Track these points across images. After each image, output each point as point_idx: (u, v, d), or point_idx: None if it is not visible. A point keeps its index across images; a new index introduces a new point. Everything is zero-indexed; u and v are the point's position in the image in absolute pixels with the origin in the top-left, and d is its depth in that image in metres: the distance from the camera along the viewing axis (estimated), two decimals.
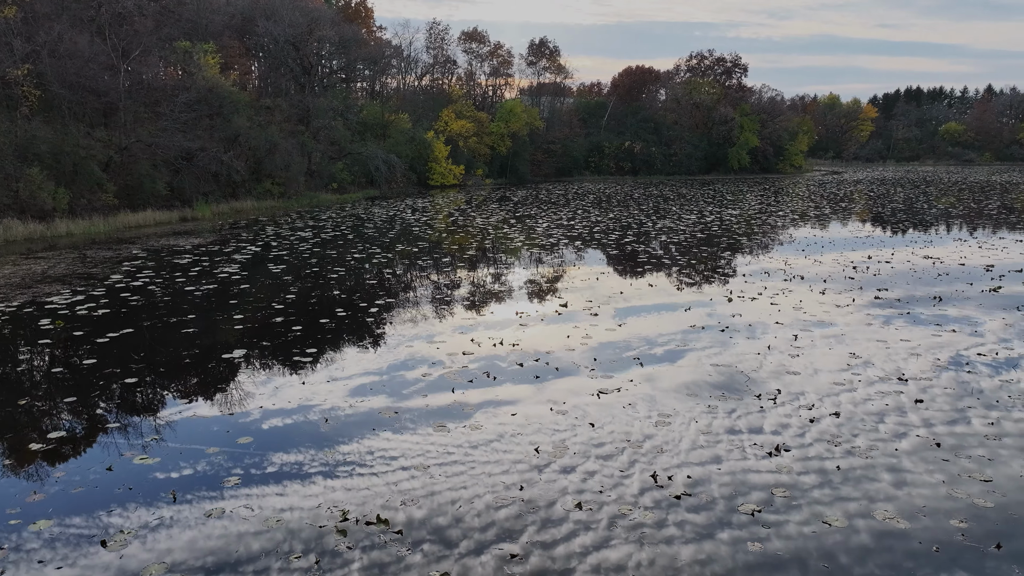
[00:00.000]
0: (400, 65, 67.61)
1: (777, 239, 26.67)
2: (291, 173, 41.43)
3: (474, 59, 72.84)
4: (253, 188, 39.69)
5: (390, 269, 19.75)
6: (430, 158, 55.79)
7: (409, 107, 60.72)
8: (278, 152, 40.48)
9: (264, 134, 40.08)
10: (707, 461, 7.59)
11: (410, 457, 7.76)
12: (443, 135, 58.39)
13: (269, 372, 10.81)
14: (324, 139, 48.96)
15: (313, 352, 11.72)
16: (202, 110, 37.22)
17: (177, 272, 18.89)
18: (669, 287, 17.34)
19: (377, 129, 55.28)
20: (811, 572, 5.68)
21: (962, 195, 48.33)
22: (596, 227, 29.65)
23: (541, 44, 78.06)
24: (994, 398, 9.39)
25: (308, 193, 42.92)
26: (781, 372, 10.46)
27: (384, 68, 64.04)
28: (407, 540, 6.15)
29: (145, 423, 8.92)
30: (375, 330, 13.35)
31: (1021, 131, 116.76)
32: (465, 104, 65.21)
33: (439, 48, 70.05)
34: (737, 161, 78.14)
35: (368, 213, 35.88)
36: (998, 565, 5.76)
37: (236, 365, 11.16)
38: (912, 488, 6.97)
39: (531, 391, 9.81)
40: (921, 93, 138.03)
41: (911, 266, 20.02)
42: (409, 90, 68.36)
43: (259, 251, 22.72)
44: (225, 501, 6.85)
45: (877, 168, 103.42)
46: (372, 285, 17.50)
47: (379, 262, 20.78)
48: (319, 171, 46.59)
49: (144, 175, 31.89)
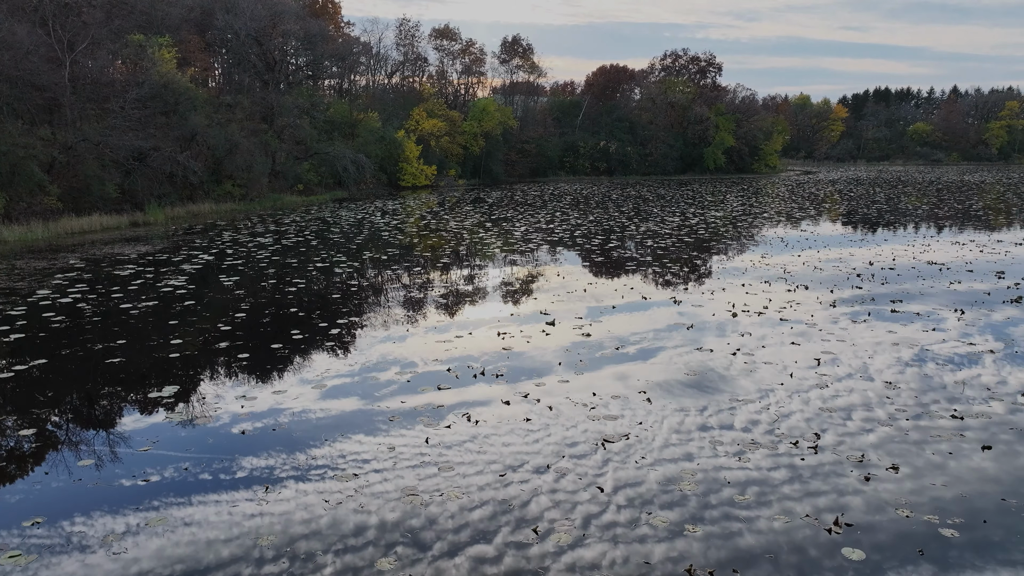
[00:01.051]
0: (369, 63, 65.54)
1: (768, 241, 25.37)
2: (253, 174, 39.30)
3: (445, 56, 71.03)
4: (212, 190, 37.51)
5: (356, 281, 17.92)
6: (401, 158, 53.90)
7: (379, 106, 58.74)
8: (239, 152, 38.32)
9: (224, 133, 37.85)
10: (679, 458, 7.68)
11: (382, 460, 7.70)
12: (414, 134, 56.54)
13: (239, 377, 10.52)
14: (289, 138, 46.86)
15: (259, 387, 9.96)
16: (156, 107, 34.96)
17: (115, 286, 16.85)
18: (657, 292, 16.34)
19: (345, 128, 53.26)
20: (782, 566, 5.77)
21: (942, 195, 48.70)
22: (577, 231, 28.11)
23: (514, 42, 76.47)
24: (956, 393, 9.67)
25: (272, 195, 40.84)
26: (752, 369, 10.61)
27: (353, 66, 61.93)
28: (380, 543, 6.11)
29: (102, 433, 8.65)
30: (335, 355, 11.55)
31: (987, 131, 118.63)
32: (437, 103, 63.31)
33: (409, 45, 68.13)
34: (713, 161, 77.38)
35: (335, 216, 33.91)
36: (960, 554, 5.92)
37: (194, 377, 10.71)
38: (878, 482, 7.13)
39: (504, 391, 9.78)
40: (889, 93, 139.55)
41: (916, 270, 19.23)
42: (379, 88, 66.30)
43: (212, 260, 20.70)
44: (194, 508, 6.71)
45: (849, 168, 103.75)
46: (335, 300, 15.66)
47: (344, 272, 18.92)
48: (284, 172, 44.54)
49: (92, 176, 29.58)
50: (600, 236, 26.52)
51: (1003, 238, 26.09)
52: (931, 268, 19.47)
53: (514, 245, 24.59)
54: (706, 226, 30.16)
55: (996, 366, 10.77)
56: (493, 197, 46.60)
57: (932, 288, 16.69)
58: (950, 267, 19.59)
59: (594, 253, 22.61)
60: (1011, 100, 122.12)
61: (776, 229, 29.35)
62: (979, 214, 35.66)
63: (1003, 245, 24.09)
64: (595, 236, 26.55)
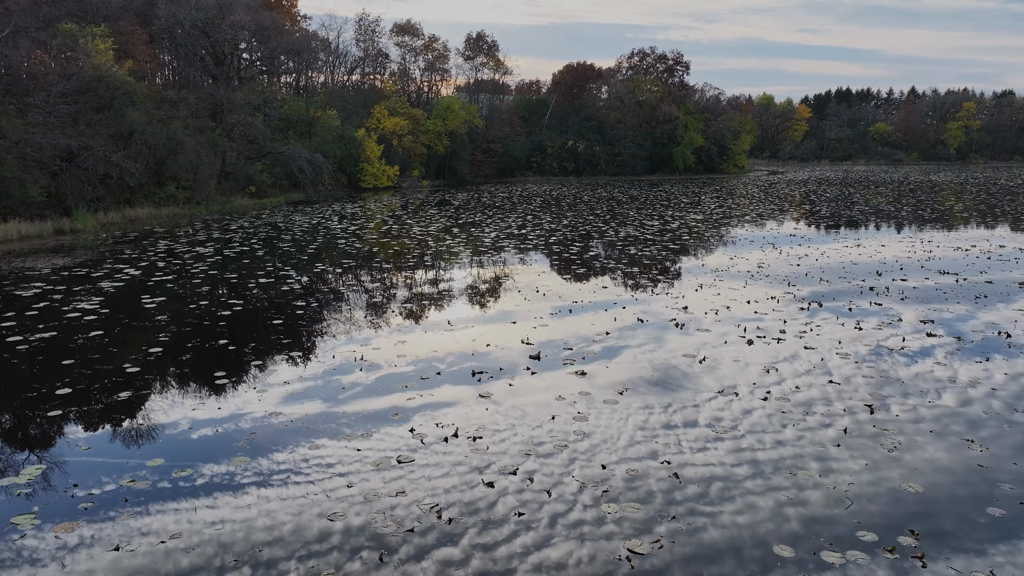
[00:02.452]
0: (329, 59, 62.64)
1: (755, 243, 23.49)
2: (199, 175, 36.34)
3: (408, 53, 68.39)
4: (154, 193, 34.47)
5: (304, 300, 15.41)
6: (361, 158, 51.20)
7: (338, 103, 55.89)
8: (184, 151, 35.32)
9: (166, 131, 34.76)
10: (645, 456, 7.71)
11: (347, 463, 7.57)
12: (375, 133, 53.82)
13: (196, 381, 10.29)
14: (240, 137, 43.89)
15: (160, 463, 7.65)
16: (88, 102, 31.81)
17: (10, 312, 14.10)
18: (652, 310, 14.36)
19: (301, 126, 50.42)
20: (745, 560, 5.84)
21: (919, 195, 48.86)
22: (552, 236, 25.95)
23: (478, 38, 74.18)
24: (911, 386, 9.93)
25: (220, 198, 37.86)
26: (715, 367, 10.73)
27: (311, 62, 59.05)
28: (345, 548, 6.00)
29: (63, 439, 8.32)
30: (270, 405, 9.16)
31: (945, 132, 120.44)
32: (399, 100, 60.68)
33: (370, 41, 65.27)
34: (682, 161, 76.06)
35: (288, 221, 31.21)
36: (916, 545, 6.05)
37: (149, 382, 10.40)
38: (838, 475, 7.27)
39: (470, 392, 9.71)
40: (850, 94, 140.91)
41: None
42: (338, 86, 63.37)
43: (138, 276, 17.96)
44: (151, 517, 6.48)
45: (815, 168, 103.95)
46: (276, 329, 13.16)
47: (291, 289, 16.39)
48: (235, 173, 41.60)
49: (10, 178, 26.43)
50: (578, 243, 24.45)
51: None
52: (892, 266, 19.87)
53: (485, 253, 22.30)
54: (688, 231, 28.31)
55: (947, 360, 11.10)
56: (459, 199, 44.27)
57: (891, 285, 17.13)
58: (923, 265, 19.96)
59: (575, 263, 20.44)
60: (968, 101, 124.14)
61: (761, 232, 27.64)
62: (966, 215, 34.66)
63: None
64: (572, 243, 24.44)
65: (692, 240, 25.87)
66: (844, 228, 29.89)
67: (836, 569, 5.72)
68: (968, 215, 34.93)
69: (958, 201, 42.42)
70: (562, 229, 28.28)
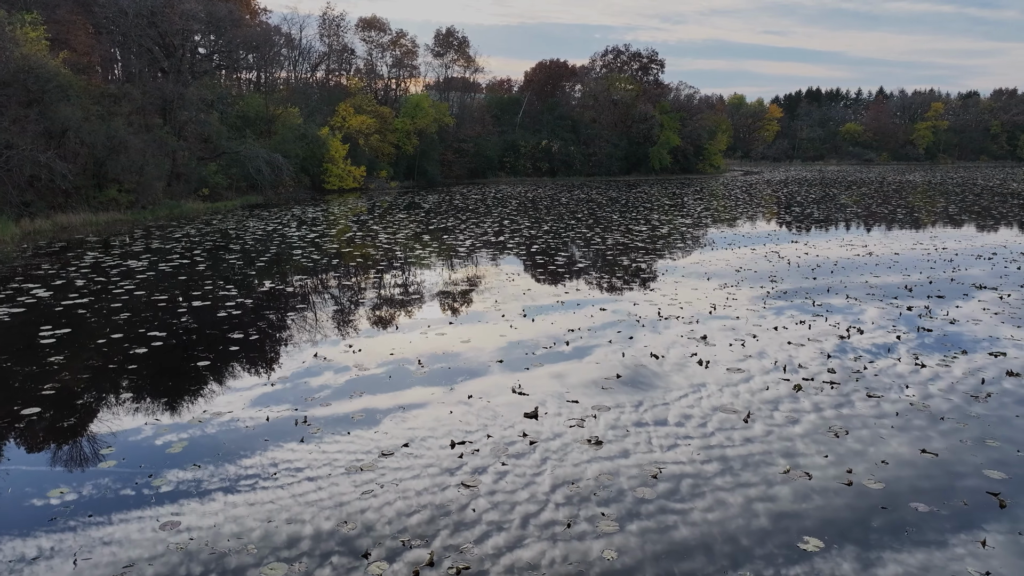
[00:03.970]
0: (292, 55, 59.49)
1: (768, 260, 21.18)
2: (145, 177, 33.38)
3: (374, 49, 65.52)
4: (93, 197, 31.42)
5: (243, 331, 12.69)
6: (325, 158, 48.42)
7: (301, 100, 52.84)
8: (127, 151, 32.29)
9: (106, 128, 31.61)
10: (616, 455, 7.67)
11: (316, 467, 7.39)
12: (340, 132, 50.97)
13: (158, 385, 9.91)
14: (193, 135, 40.83)
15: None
16: (13, 95, 28.63)
17: None
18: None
19: (260, 125, 47.45)
20: (716, 556, 5.84)
21: (904, 195, 48.69)
22: (534, 244, 23.51)
23: (448, 34, 71.66)
24: (874, 382, 10.03)
25: (168, 202, 34.93)
26: (684, 365, 10.69)
27: (273, 59, 55.89)
28: (315, 553, 5.88)
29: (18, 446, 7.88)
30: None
31: (914, 132, 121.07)
32: (365, 98, 57.81)
33: (334, 36, 62.19)
34: (659, 161, 74.40)
35: (241, 227, 28.33)
36: (880, 538, 6.12)
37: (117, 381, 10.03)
38: (805, 470, 7.33)
39: (440, 393, 9.58)
40: (820, 94, 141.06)
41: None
42: (302, 83, 60.22)
43: (46, 298, 15.06)
44: (114, 526, 6.23)
45: (788, 168, 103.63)
46: (200, 374, 10.44)
47: (229, 317, 13.64)
48: (186, 174, 38.58)
49: None
50: (563, 253, 21.99)
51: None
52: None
53: (459, 264, 19.75)
54: (680, 236, 26.10)
55: (910, 355, 11.28)
56: (429, 202, 41.73)
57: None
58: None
59: (562, 277, 17.99)
60: (935, 102, 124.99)
61: (759, 237, 25.53)
62: (957, 215, 33.54)
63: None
64: (557, 252, 22.00)
65: (688, 246, 23.64)
66: (841, 230, 28.83)
67: (804, 563, 5.78)
68: (967, 218, 33.38)
69: (950, 204, 40.99)
70: (543, 236, 25.88)
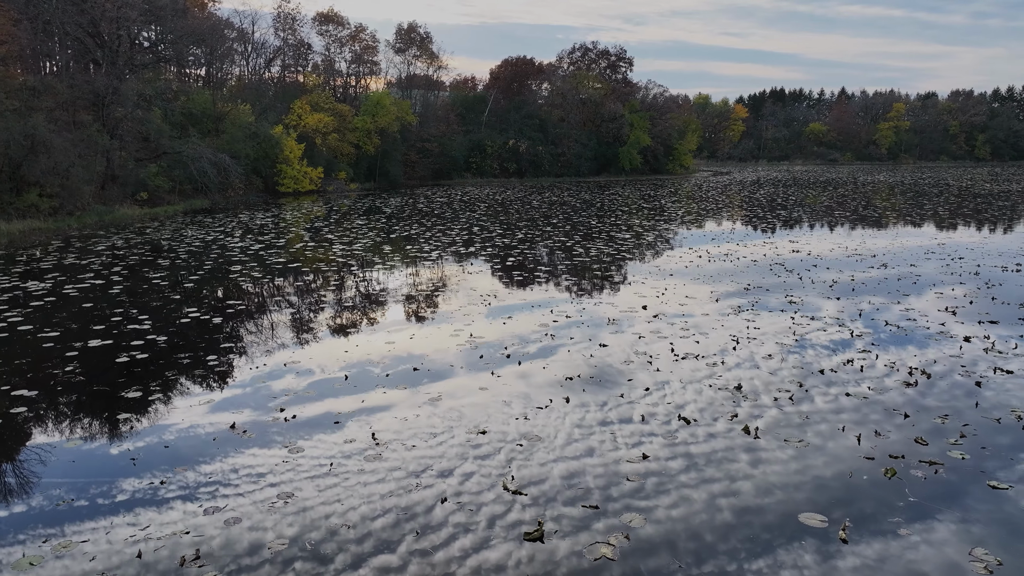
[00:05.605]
0: (246, 49, 55.94)
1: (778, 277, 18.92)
2: (71, 181, 30.03)
3: (333, 44, 62.07)
4: (9, 203, 28.00)
5: (141, 388, 9.76)
6: (279, 159, 45.21)
7: (253, 97, 49.40)
8: (49, 151, 28.77)
9: (22, 126, 28.07)
10: (581, 454, 7.66)
11: (278, 473, 7.25)
12: (296, 131, 47.70)
13: (115, 390, 9.47)
14: (130, 134, 37.25)
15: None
16: None
17: None
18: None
19: (208, 123, 43.97)
20: (680, 553, 5.87)
21: (883, 197, 48.14)
22: (509, 256, 20.87)
23: (410, 29, 68.58)
24: (832, 377, 10.17)
25: (100, 207, 31.52)
26: (646, 364, 10.70)
27: (226, 54, 52.38)
28: (277, 561, 5.76)
29: None
30: None
31: (876, 132, 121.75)
32: (323, 95, 54.51)
33: (289, 30, 58.68)
34: (629, 161, 72.43)
35: (177, 237, 25.15)
36: (839, 531, 6.14)
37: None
38: (767, 465, 7.38)
39: (405, 396, 9.49)
40: (784, 94, 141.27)
41: None
42: (255, 79, 56.68)
43: None
44: (65, 537, 6.07)
45: (756, 168, 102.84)
46: (76, 443, 7.63)
47: (129, 364, 10.68)
48: (123, 177, 35.07)
49: None
50: (544, 267, 19.41)
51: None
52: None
53: (425, 283, 17.04)
54: (668, 243, 23.79)
55: (865, 351, 11.38)
56: (392, 205, 38.90)
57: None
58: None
59: (548, 304, 15.42)
60: (897, 102, 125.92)
61: (758, 245, 23.34)
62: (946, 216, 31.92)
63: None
64: (536, 266, 19.41)
65: (681, 256, 21.37)
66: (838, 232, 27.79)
67: (766, 556, 5.79)
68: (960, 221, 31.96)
69: (938, 206, 39.65)
70: (518, 245, 23.26)
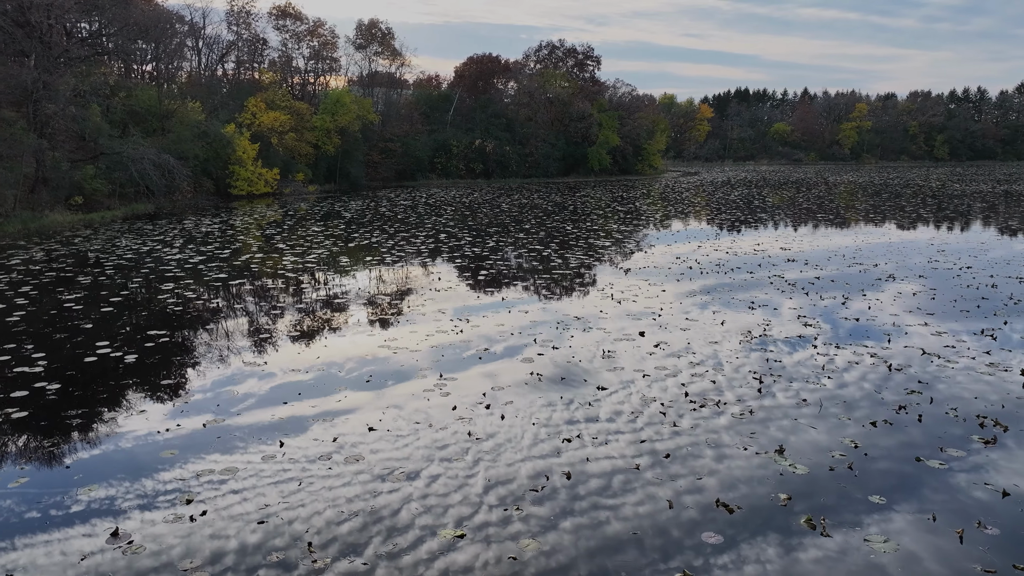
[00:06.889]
0: (197, 45, 52.84)
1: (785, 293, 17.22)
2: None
3: (290, 39, 59.23)
4: None
5: (19, 467, 7.51)
6: (231, 159, 42.46)
7: (203, 94, 46.44)
8: None
9: None
10: (548, 454, 7.66)
11: (241, 479, 7.13)
12: (250, 130, 44.93)
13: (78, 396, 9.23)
14: (64, 133, 34.27)
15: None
16: None
17: None
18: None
19: (153, 121, 40.98)
20: (647, 549, 5.89)
21: (857, 197, 47.79)
22: (480, 271, 18.76)
23: (371, 25, 66.06)
24: (794, 372, 10.38)
25: (26, 213, 28.60)
26: (612, 363, 10.75)
27: (177, 50, 49.29)
28: (240, 568, 5.63)
29: None
30: None
31: (839, 132, 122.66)
32: (280, 92, 51.72)
33: (243, 25, 55.67)
34: (598, 162, 71.01)
35: (109, 248, 22.56)
36: (800, 523, 6.26)
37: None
38: (731, 461, 7.48)
39: (370, 398, 9.40)
40: (748, 94, 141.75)
41: None
42: (207, 75, 53.60)
43: None
44: (18, 552, 5.89)
45: (723, 168, 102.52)
46: None
47: (7, 422, 8.38)
48: (55, 179, 32.15)
49: None
50: (520, 280, 17.39)
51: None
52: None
53: (388, 307, 14.85)
54: (656, 252, 22.00)
55: (825, 347, 11.60)
56: (352, 209, 36.61)
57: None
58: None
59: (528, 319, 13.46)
60: (859, 103, 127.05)
61: (755, 255, 21.70)
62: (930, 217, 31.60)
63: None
64: (513, 280, 17.39)
65: (671, 267, 19.60)
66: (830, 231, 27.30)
67: (731, 551, 5.84)
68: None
69: (919, 207, 38.74)
70: (490, 256, 21.20)
